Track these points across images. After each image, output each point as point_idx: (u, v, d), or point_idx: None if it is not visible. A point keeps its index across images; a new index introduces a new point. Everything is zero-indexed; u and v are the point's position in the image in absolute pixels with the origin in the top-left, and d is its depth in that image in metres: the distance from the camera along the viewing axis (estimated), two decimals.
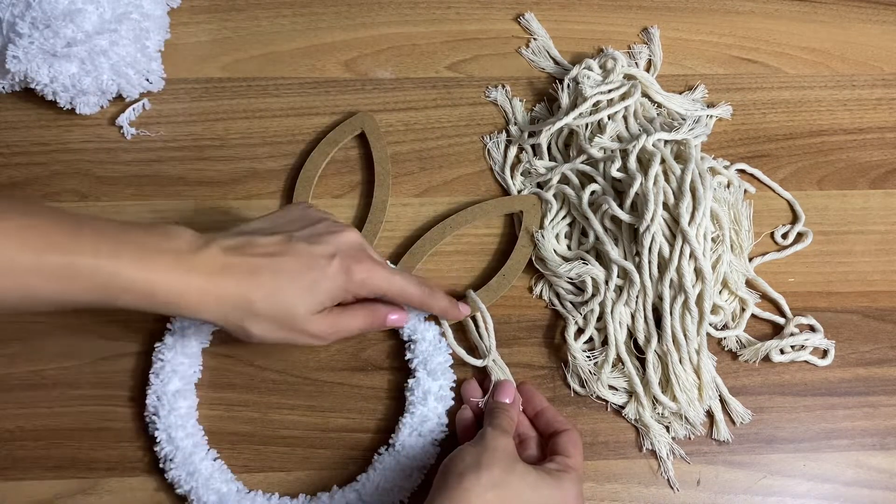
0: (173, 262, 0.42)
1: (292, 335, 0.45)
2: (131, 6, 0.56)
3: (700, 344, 0.52)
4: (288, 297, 0.44)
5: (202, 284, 0.42)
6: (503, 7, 0.63)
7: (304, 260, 0.45)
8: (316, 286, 0.44)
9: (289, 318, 0.44)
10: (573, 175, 0.56)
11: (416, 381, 0.51)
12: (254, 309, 0.43)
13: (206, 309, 0.43)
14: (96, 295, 0.41)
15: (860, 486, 0.52)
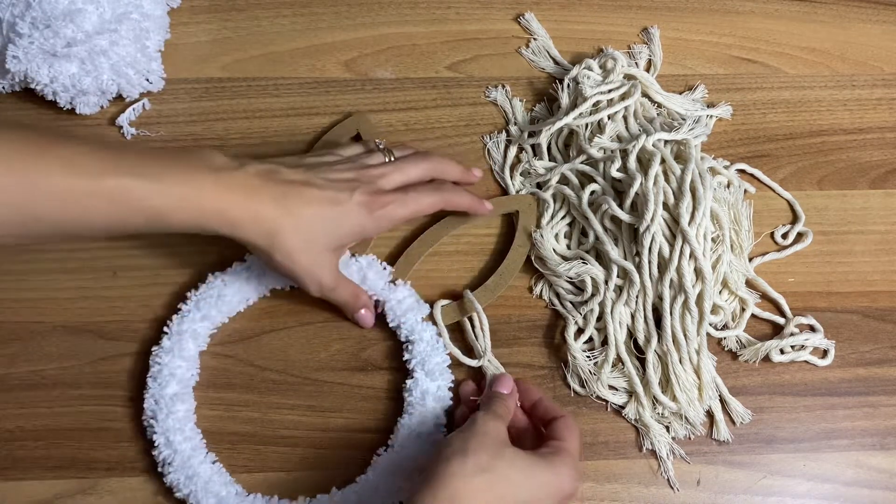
0: (214, 180, 0.45)
1: (304, 271, 0.47)
2: (131, 6, 0.56)
3: (700, 344, 0.52)
4: (313, 226, 0.47)
5: (242, 202, 0.45)
6: (503, 7, 0.63)
7: (328, 194, 0.47)
8: (339, 220, 0.48)
9: (308, 250, 0.47)
10: (573, 175, 0.56)
11: (414, 382, 0.51)
12: (283, 233, 0.46)
13: (244, 227, 0.45)
14: (147, 216, 0.43)
15: (860, 486, 0.52)
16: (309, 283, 0.48)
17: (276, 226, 0.46)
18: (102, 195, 0.42)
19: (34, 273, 0.54)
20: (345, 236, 0.49)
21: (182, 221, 0.44)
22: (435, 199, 0.52)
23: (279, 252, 0.46)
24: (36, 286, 0.54)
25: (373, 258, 0.54)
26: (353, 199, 0.48)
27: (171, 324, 0.51)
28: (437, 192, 0.52)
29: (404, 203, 0.50)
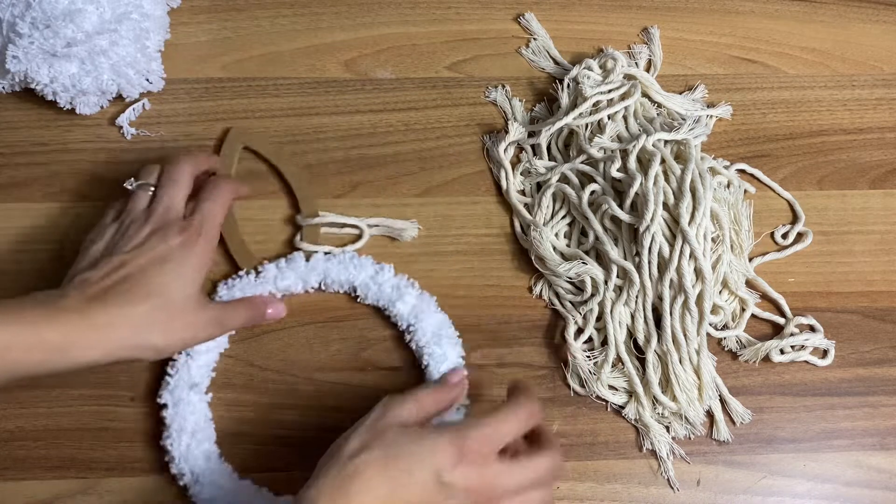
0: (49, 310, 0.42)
1: (195, 334, 0.46)
2: (131, 6, 0.56)
3: (700, 344, 0.52)
4: (161, 293, 0.45)
5: (86, 320, 0.42)
6: (503, 7, 0.63)
7: (145, 261, 0.45)
8: (178, 274, 0.45)
9: (176, 311, 0.45)
10: (573, 175, 0.56)
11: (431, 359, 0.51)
12: (142, 321, 0.44)
13: (101, 342, 0.43)
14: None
15: (860, 486, 0.52)
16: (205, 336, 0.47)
17: (133, 327, 0.43)
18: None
19: (34, 273, 0.54)
20: (191, 279, 0.46)
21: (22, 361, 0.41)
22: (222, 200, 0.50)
23: (157, 343, 0.44)
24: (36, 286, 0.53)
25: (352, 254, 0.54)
26: (171, 245, 0.46)
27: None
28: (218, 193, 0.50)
29: (211, 212, 0.48)
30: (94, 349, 0.43)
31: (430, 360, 0.51)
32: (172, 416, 0.49)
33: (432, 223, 0.57)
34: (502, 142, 0.58)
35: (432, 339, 0.52)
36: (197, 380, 0.50)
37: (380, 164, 0.58)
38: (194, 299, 0.46)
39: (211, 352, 0.51)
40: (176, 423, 0.49)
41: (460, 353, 0.52)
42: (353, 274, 0.53)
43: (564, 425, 0.52)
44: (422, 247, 0.56)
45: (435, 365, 0.51)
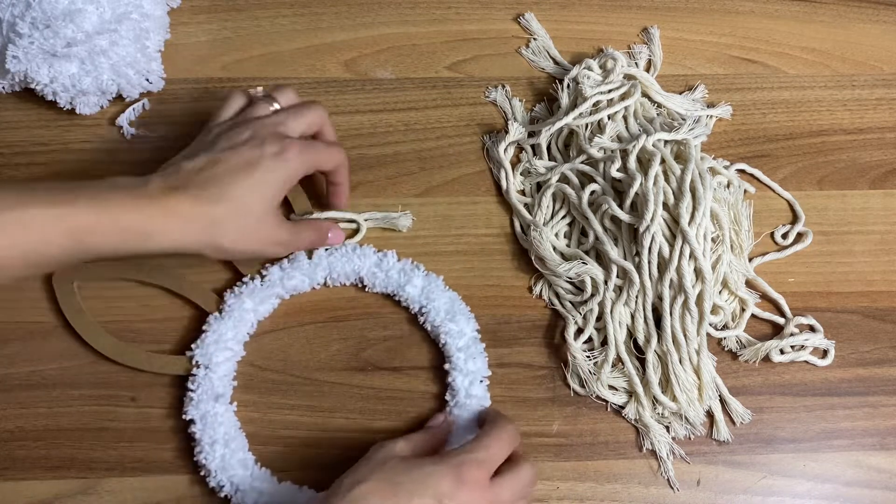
0: (129, 196, 0.43)
1: (259, 245, 0.47)
2: (131, 6, 0.56)
3: (700, 344, 0.52)
4: (242, 200, 0.45)
5: (163, 209, 0.44)
6: (503, 7, 0.63)
7: (239, 162, 0.46)
8: (262, 182, 0.46)
9: (250, 224, 0.46)
10: (573, 175, 0.56)
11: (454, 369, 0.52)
12: (218, 223, 0.45)
13: (174, 232, 0.44)
14: (64, 242, 0.41)
15: (860, 486, 0.52)
16: (270, 250, 0.48)
17: (208, 222, 0.45)
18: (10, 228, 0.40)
19: None
20: (275, 192, 0.47)
21: (105, 244, 0.42)
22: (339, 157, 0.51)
23: (226, 243, 0.45)
24: (36, 286, 0.54)
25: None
26: (265, 153, 0.46)
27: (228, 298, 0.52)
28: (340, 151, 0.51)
29: (313, 148, 0.49)
30: (167, 237, 0.44)
31: (447, 337, 0.52)
32: (202, 430, 0.49)
33: (432, 223, 0.57)
34: (502, 142, 0.58)
35: (447, 316, 0.52)
36: (220, 390, 0.50)
37: (380, 164, 0.58)
38: (272, 214, 0.47)
39: (229, 361, 0.51)
40: (207, 437, 0.49)
41: (475, 327, 0.53)
42: (357, 264, 0.53)
43: (564, 425, 0.52)
44: (422, 247, 0.56)
45: (453, 342, 0.52)
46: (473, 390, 0.51)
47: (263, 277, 0.53)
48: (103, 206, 0.42)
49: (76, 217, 0.42)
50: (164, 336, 0.53)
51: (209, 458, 0.49)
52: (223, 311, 0.52)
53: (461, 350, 0.52)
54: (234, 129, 0.48)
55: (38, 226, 0.41)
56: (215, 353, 0.51)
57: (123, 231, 0.43)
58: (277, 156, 0.47)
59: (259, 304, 0.52)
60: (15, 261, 0.41)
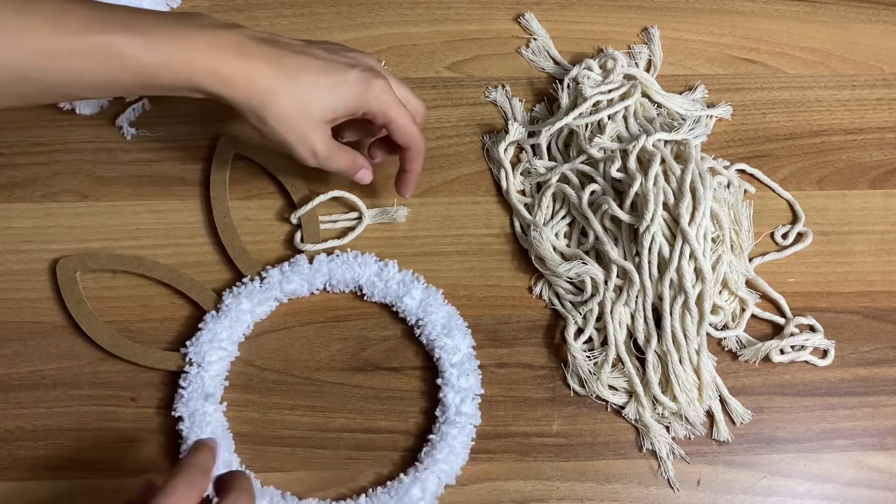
0: (207, 40, 0.44)
1: (297, 138, 0.47)
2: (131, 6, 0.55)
3: (700, 344, 0.52)
4: (309, 92, 0.46)
5: (236, 61, 0.44)
6: (503, 7, 0.63)
7: (327, 64, 0.47)
8: (336, 88, 0.47)
9: (303, 116, 0.46)
10: (573, 175, 0.56)
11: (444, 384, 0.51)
12: (277, 95, 0.45)
13: (236, 86, 0.44)
14: (138, 72, 0.42)
15: (860, 486, 0.52)
16: (302, 150, 0.48)
17: (270, 88, 0.45)
18: (89, 52, 0.41)
19: (34, 273, 0.54)
20: (340, 108, 0.47)
21: (172, 80, 0.43)
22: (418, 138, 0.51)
23: (272, 116, 0.46)
24: (36, 286, 0.54)
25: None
26: (352, 72, 0.47)
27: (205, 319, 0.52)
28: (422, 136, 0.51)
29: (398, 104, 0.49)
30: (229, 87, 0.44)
31: (441, 352, 0.52)
32: (189, 428, 0.49)
33: (432, 223, 0.57)
34: (502, 142, 0.58)
35: (443, 331, 0.52)
36: (211, 390, 0.50)
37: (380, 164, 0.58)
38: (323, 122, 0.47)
39: (223, 361, 0.51)
40: (193, 435, 0.49)
41: (471, 343, 0.53)
42: (357, 273, 0.53)
43: (564, 425, 0.52)
44: (422, 247, 0.56)
45: (447, 357, 0.51)
46: (464, 408, 0.51)
47: (263, 279, 0.53)
48: (183, 43, 0.43)
49: (152, 53, 0.42)
50: (164, 336, 0.53)
51: None
52: (220, 311, 0.52)
53: (454, 366, 0.51)
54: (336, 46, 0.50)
55: (118, 55, 0.42)
56: (208, 352, 0.51)
57: (195, 71, 0.43)
58: (360, 80, 0.47)
59: (256, 305, 0.52)
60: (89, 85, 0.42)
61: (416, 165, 0.52)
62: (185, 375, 0.50)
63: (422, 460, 0.50)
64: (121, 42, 0.42)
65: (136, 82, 0.43)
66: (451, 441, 0.50)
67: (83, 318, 0.52)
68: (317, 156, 0.48)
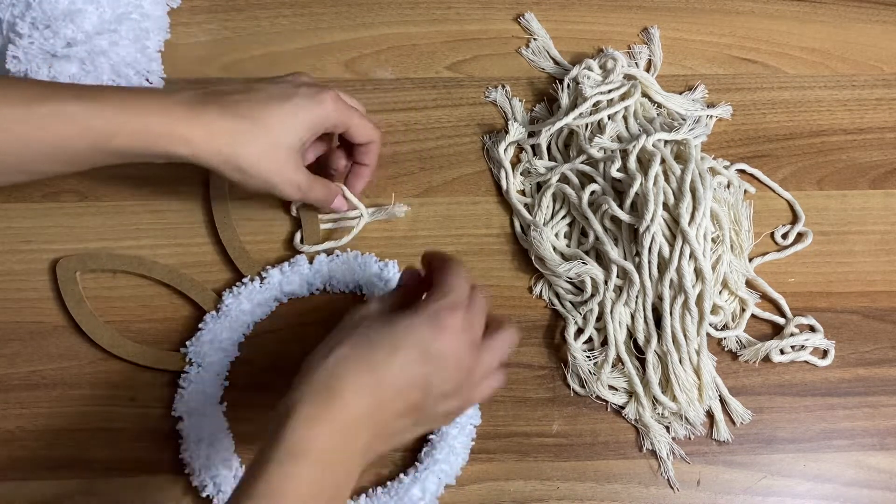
0: (157, 101, 0.43)
1: (279, 175, 0.46)
2: (131, 6, 0.56)
3: (700, 344, 0.52)
4: (272, 126, 0.45)
5: (191, 117, 0.43)
6: (503, 7, 0.63)
7: (275, 94, 0.46)
8: (296, 114, 0.46)
9: (276, 151, 0.46)
10: (573, 175, 0.56)
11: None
12: (244, 139, 0.44)
13: (198, 143, 0.43)
14: (90, 139, 0.42)
15: (860, 486, 0.52)
16: (287, 187, 0.47)
17: (232, 135, 0.44)
18: (39, 120, 0.41)
19: (34, 273, 0.54)
20: (305, 131, 0.47)
21: (128, 145, 0.42)
22: (373, 133, 0.51)
23: (246, 161, 0.45)
24: (36, 286, 0.54)
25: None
26: (301, 94, 0.47)
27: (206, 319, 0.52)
28: (376, 130, 0.51)
29: (350, 108, 0.49)
30: (190, 145, 0.43)
31: None
32: (189, 427, 0.49)
33: (432, 223, 0.57)
34: (502, 142, 0.58)
35: None
36: (211, 390, 0.50)
37: (380, 164, 0.58)
38: (294, 151, 0.47)
39: (223, 361, 0.51)
40: (193, 435, 0.49)
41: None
42: (357, 273, 0.53)
43: (564, 425, 0.52)
44: (422, 247, 0.56)
45: None
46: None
47: (263, 280, 0.53)
48: (131, 107, 0.43)
49: (104, 114, 0.42)
50: (164, 336, 0.53)
51: (193, 456, 0.49)
52: (220, 311, 0.52)
53: None
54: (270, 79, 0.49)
55: (67, 121, 0.41)
56: (209, 353, 0.51)
57: (149, 134, 0.43)
58: (313, 96, 0.47)
59: (256, 306, 0.52)
60: (44, 155, 0.42)
61: (374, 157, 0.53)
62: (185, 375, 0.50)
63: (422, 460, 0.50)
64: (71, 109, 0.41)
65: (91, 148, 0.42)
66: (451, 441, 0.50)
67: (83, 318, 0.52)
68: (300, 188, 0.48)
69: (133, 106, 0.43)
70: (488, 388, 0.43)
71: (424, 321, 0.40)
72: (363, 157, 0.53)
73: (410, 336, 0.40)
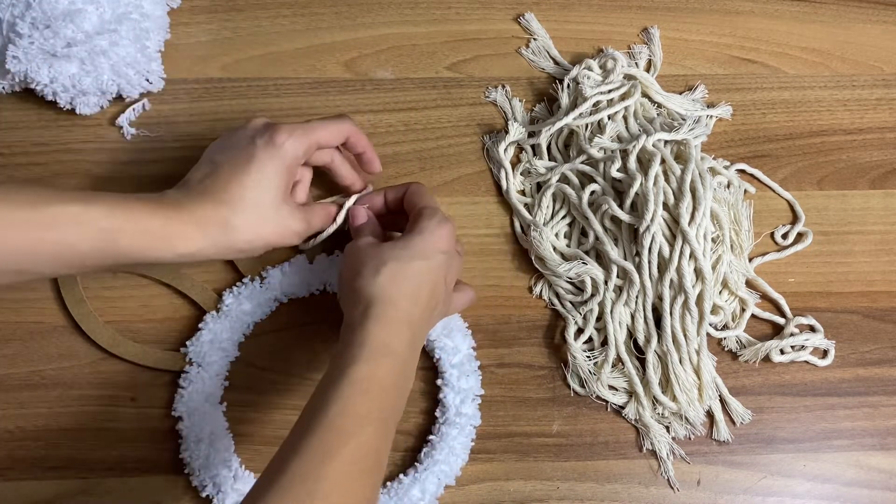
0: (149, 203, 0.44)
1: (273, 237, 0.47)
2: (131, 6, 0.56)
3: (700, 344, 0.52)
4: (248, 197, 0.46)
5: (180, 214, 0.44)
6: (503, 7, 0.63)
7: (237, 159, 0.47)
8: (260, 172, 0.46)
9: (262, 219, 0.46)
10: (573, 175, 0.56)
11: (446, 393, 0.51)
12: (230, 221, 0.45)
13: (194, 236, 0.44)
14: (96, 240, 0.42)
15: (860, 486, 0.52)
16: (288, 240, 0.48)
17: (220, 223, 0.45)
18: (44, 221, 0.41)
19: None
20: (278, 182, 0.47)
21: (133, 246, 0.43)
22: (343, 127, 0.51)
23: (242, 243, 0.46)
24: (36, 286, 0.54)
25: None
26: (256, 145, 0.47)
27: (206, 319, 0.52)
28: (343, 120, 0.51)
29: (306, 126, 0.49)
30: (190, 241, 0.44)
31: (441, 353, 0.52)
32: (189, 427, 0.49)
33: None
34: (502, 142, 0.58)
35: (442, 332, 0.52)
36: (211, 390, 0.50)
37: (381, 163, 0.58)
38: (281, 204, 0.47)
39: (223, 361, 0.51)
40: (193, 435, 0.49)
41: (471, 344, 0.53)
42: None
43: (564, 425, 0.52)
44: None
45: (447, 358, 0.51)
46: (464, 409, 0.51)
47: (263, 280, 0.53)
48: (129, 209, 0.43)
49: (106, 216, 0.42)
50: (164, 336, 0.53)
51: (193, 456, 0.49)
52: (220, 311, 0.52)
53: (455, 367, 0.51)
54: (227, 135, 0.49)
55: (72, 222, 0.41)
56: (209, 353, 0.51)
57: (147, 234, 0.43)
58: (267, 144, 0.47)
59: (257, 306, 0.52)
60: (48, 256, 0.42)
61: (363, 141, 0.53)
62: (185, 375, 0.50)
63: (421, 461, 0.50)
64: (77, 210, 0.42)
65: (97, 250, 0.42)
66: (450, 442, 0.50)
67: (83, 317, 0.52)
68: (300, 234, 0.49)
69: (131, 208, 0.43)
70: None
71: (436, 231, 0.47)
72: (354, 147, 0.53)
73: (431, 245, 0.47)
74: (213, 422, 0.50)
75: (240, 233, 0.45)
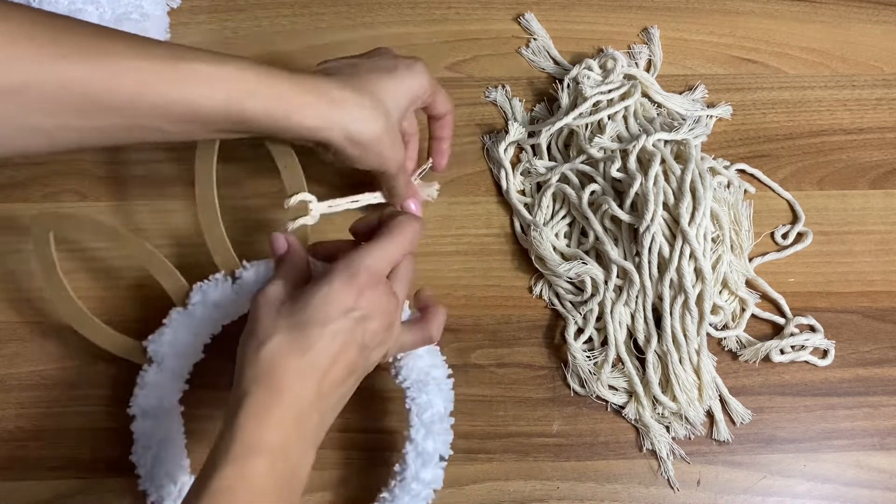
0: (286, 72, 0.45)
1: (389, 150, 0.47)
2: (131, 6, 0.56)
3: (700, 344, 0.52)
4: (384, 99, 0.47)
5: (316, 87, 0.45)
6: (503, 7, 0.63)
7: (381, 65, 0.48)
8: (399, 83, 0.47)
9: (389, 126, 0.47)
10: (573, 175, 0.56)
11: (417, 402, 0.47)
12: (364, 114, 0.46)
13: (321, 109, 0.44)
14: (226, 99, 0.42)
15: (860, 486, 0.52)
16: (392, 164, 0.49)
17: (349, 105, 0.45)
18: (178, 76, 0.41)
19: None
20: (406, 100, 0.48)
21: (262, 110, 0.43)
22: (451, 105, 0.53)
23: (367, 138, 0.46)
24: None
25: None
26: (399, 62, 0.48)
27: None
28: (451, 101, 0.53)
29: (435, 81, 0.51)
30: (312, 114, 0.44)
31: (412, 404, 0.46)
32: (140, 429, 0.47)
33: (432, 223, 0.57)
34: (502, 142, 0.58)
35: (417, 379, 0.47)
36: (167, 392, 0.47)
37: None
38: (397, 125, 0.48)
39: (184, 362, 0.48)
40: (143, 439, 0.47)
41: (449, 399, 0.47)
42: None
43: (564, 425, 0.52)
44: (422, 247, 0.56)
45: (417, 410, 0.46)
46: (424, 474, 0.45)
47: (235, 279, 0.48)
48: (264, 73, 0.44)
49: (240, 75, 0.43)
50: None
51: (140, 462, 0.47)
52: (188, 307, 0.48)
53: (424, 424, 0.46)
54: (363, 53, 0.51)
55: (205, 79, 0.42)
56: (169, 353, 0.47)
57: (278, 99, 0.43)
58: (410, 67, 0.48)
59: (227, 306, 0.48)
60: (178, 115, 0.42)
61: (451, 129, 0.54)
62: (143, 374, 0.47)
63: None
64: (209, 70, 0.42)
65: (224, 110, 0.42)
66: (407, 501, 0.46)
67: (52, 285, 0.48)
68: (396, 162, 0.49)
69: (266, 71, 0.44)
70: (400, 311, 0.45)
71: (342, 287, 0.40)
72: (442, 129, 0.54)
73: (334, 305, 0.40)
74: (165, 427, 0.47)
75: (368, 128, 0.46)
